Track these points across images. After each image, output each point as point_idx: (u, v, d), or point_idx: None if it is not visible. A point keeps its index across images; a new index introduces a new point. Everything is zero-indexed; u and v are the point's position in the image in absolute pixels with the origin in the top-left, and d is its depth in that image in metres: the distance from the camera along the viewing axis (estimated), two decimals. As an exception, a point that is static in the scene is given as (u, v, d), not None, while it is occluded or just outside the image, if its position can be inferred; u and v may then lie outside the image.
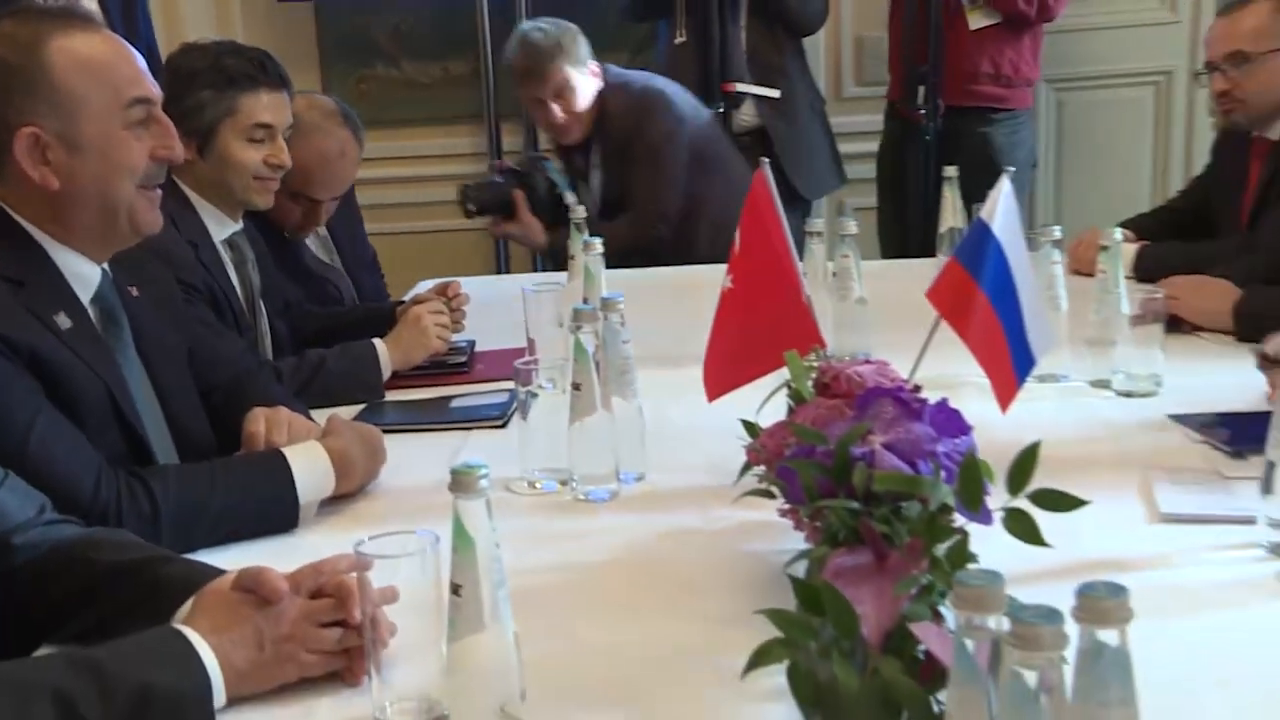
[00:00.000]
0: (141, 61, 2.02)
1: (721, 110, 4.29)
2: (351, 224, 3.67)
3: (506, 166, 4.08)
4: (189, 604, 1.52)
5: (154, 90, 2.01)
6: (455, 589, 1.27)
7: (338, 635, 1.48)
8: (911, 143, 4.50)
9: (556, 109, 3.95)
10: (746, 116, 4.38)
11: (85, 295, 2.00)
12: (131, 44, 2.05)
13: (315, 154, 3.03)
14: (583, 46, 3.96)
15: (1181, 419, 2.25)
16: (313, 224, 3.26)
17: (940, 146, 4.38)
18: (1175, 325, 2.65)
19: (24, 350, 1.83)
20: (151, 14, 4.07)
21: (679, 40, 4.38)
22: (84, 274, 2.00)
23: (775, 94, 4.36)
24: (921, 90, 4.43)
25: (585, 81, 3.96)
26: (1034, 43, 4.55)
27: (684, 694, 1.45)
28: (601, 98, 4.00)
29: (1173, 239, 3.33)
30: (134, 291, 2.14)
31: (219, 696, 1.41)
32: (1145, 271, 3.05)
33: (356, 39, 5.32)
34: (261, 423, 2.11)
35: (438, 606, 1.32)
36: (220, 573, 1.57)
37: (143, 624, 1.47)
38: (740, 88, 4.32)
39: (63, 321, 1.92)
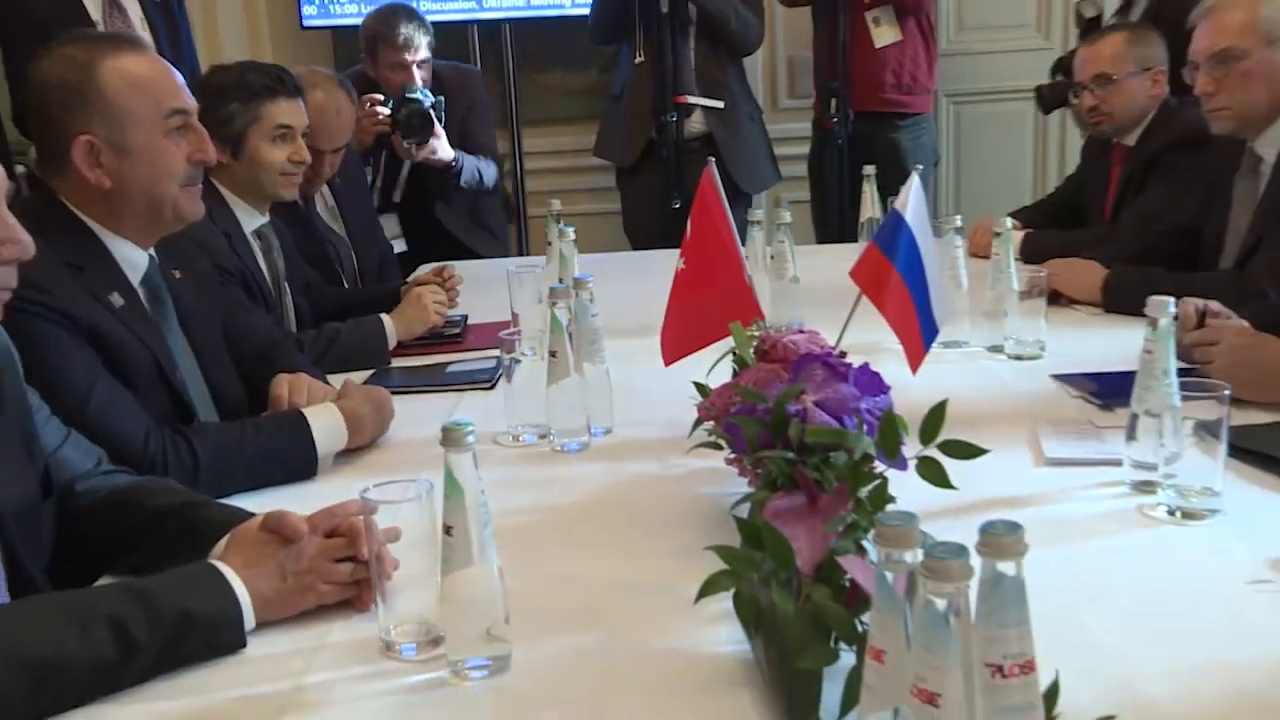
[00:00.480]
0: (180, 78, 1.98)
1: (674, 119, 4.26)
2: (365, 220, 3.62)
3: (388, 100, 3.93)
4: (223, 542, 1.50)
5: (190, 102, 1.98)
6: (448, 529, 1.25)
7: (349, 569, 1.46)
8: (828, 147, 4.48)
9: (420, 73, 3.99)
10: (696, 124, 4.34)
11: (135, 278, 1.97)
12: (178, 65, 2.04)
13: (314, 109, 2.95)
14: None
15: (1061, 378, 2.24)
16: (319, 176, 3.20)
17: (853, 150, 4.37)
18: (1055, 299, 2.66)
19: (84, 325, 1.82)
20: (195, 40, 4.02)
21: (638, 60, 4.33)
22: (134, 259, 1.97)
23: (719, 105, 4.32)
24: (834, 102, 4.41)
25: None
26: (929, 55, 4.54)
27: (645, 617, 1.42)
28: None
29: (1051, 227, 3.37)
30: (176, 274, 2.10)
31: (249, 620, 1.39)
32: (1030, 254, 3.04)
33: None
34: (285, 387, 2.09)
35: (433, 544, 1.30)
36: (250, 515, 1.55)
37: (185, 559, 1.46)
38: (690, 100, 4.29)
39: (116, 300, 1.89)
